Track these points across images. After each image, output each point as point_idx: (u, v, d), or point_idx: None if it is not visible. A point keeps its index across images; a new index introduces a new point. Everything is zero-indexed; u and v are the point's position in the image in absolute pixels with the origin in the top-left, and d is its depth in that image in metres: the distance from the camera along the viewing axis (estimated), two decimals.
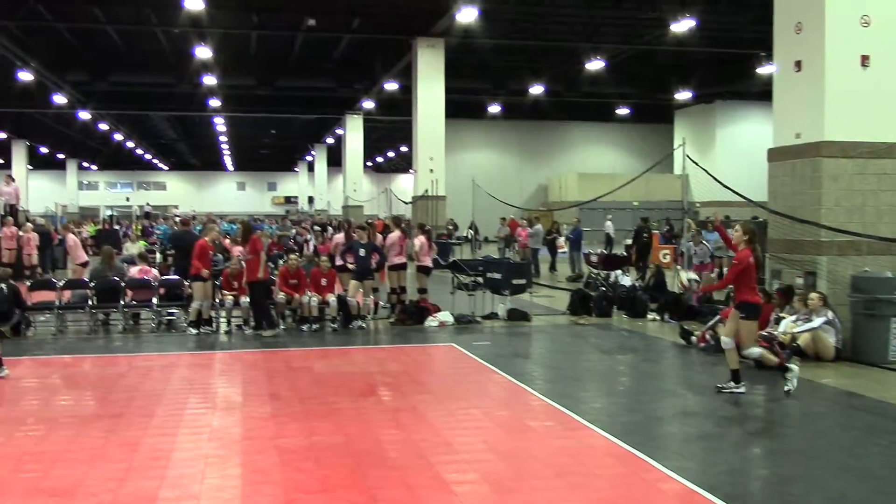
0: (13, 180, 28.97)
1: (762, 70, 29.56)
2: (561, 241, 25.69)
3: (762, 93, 29.75)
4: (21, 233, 23.57)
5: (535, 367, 11.54)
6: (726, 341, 9.39)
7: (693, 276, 16.36)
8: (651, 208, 37.82)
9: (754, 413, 8.94)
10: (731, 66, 34.40)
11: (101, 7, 24.82)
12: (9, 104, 37.93)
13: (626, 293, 16.52)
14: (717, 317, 12.17)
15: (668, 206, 36.69)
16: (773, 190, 12.90)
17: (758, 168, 17.31)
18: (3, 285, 13.24)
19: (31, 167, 57.61)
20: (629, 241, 24.63)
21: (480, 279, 16.14)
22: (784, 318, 11.87)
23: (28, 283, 15.50)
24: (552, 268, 25.98)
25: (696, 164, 16.53)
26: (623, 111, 46.01)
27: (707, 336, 12.22)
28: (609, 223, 31.95)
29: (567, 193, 45.01)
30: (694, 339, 12.58)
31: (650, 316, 15.66)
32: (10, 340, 12.81)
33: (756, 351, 9.35)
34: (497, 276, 15.89)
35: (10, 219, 24.69)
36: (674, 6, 23.83)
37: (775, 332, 11.49)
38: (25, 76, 30.01)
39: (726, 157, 40.96)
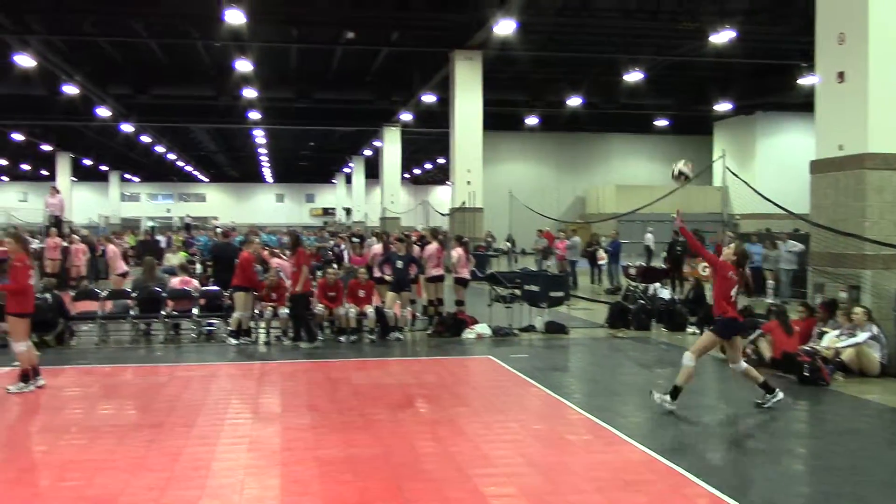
0: (58, 192, 29.54)
1: (804, 81, 29.22)
2: (601, 252, 25.54)
3: (804, 104, 29.36)
4: (66, 243, 24.01)
5: (573, 381, 11.48)
6: (735, 367, 9.26)
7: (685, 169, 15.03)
8: (690, 220, 37.46)
9: (797, 429, 8.82)
10: (772, 76, 34.03)
11: (143, 21, 25.24)
12: (54, 117, 38.72)
13: (665, 306, 16.38)
14: (759, 331, 12.01)
15: (707, 219, 36.32)
16: (816, 202, 12.72)
17: (799, 180, 17.13)
18: (48, 295, 13.49)
19: (74, 179, 58.68)
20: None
21: (518, 291, 16.11)
22: (827, 332, 11.69)
23: (72, 293, 15.75)
24: (594, 280, 25.84)
25: (737, 176, 16.38)
26: (661, 123, 45.73)
27: (748, 351, 12.05)
28: (649, 235, 31.73)
29: (605, 205, 44.77)
30: None
31: (689, 329, 15.50)
32: (53, 349, 13.04)
33: (690, 363, 9.14)
34: (535, 288, 15.84)
35: (55, 230, 25.17)
36: (713, 17, 23.66)
37: (818, 347, 11.32)
38: (70, 89, 30.62)
39: (767, 168, 40.48)
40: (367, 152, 55.55)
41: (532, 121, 42.81)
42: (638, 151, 51.68)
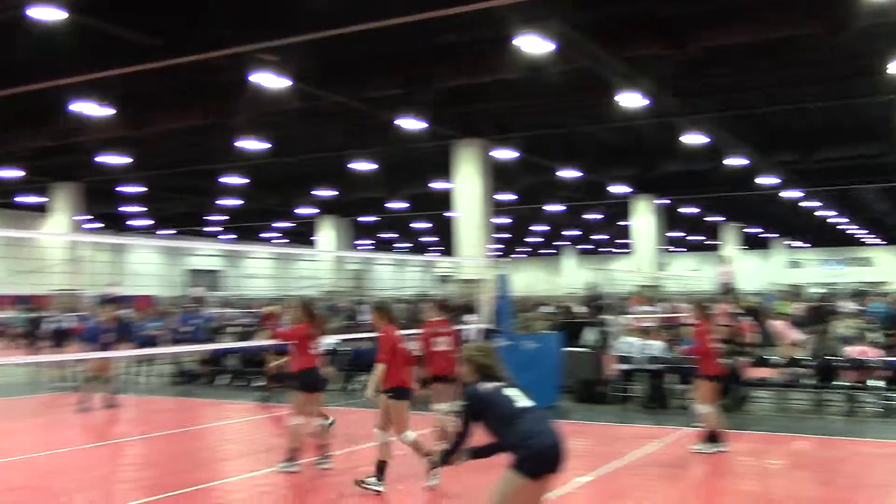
0: (729, 262, 30.77)
1: None
2: None
3: None
4: (733, 310, 24.78)
5: None
6: None
7: None
8: None
9: None
10: None
11: (806, 88, 25.07)
12: (718, 189, 40.54)
13: None
14: None
15: None
16: None
17: None
18: (731, 361, 13.87)
19: (741, 247, 60.32)
20: None
21: None
22: None
23: (746, 359, 16.04)
24: None
25: None
26: None
27: None
28: None
29: None
30: None
31: None
32: (731, 414, 13.41)
33: None
34: None
35: (727, 297, 26.21)
36: None
37: None
38: (734, 161, 31.78)
39: None
40: None
41: None
42: None
